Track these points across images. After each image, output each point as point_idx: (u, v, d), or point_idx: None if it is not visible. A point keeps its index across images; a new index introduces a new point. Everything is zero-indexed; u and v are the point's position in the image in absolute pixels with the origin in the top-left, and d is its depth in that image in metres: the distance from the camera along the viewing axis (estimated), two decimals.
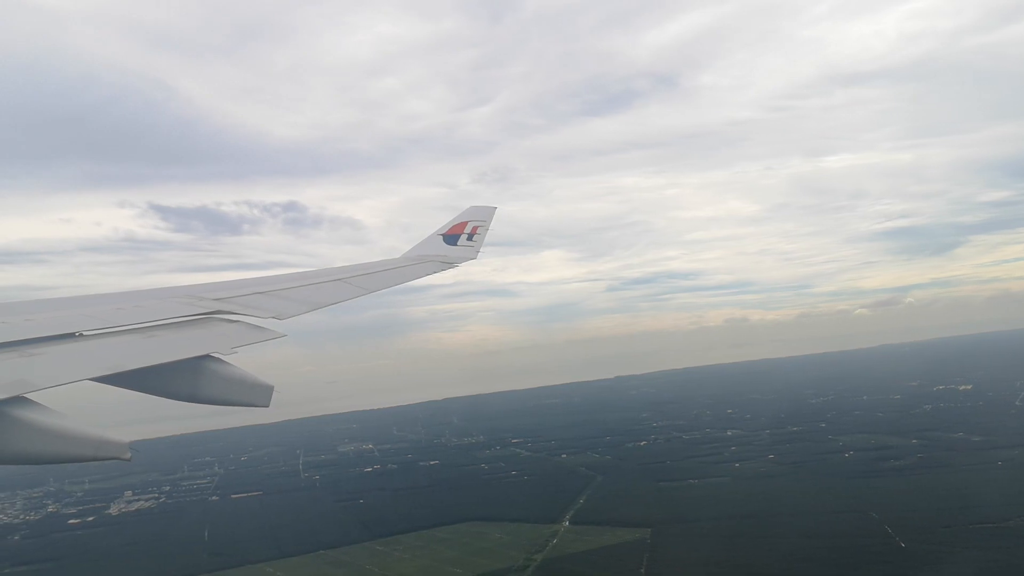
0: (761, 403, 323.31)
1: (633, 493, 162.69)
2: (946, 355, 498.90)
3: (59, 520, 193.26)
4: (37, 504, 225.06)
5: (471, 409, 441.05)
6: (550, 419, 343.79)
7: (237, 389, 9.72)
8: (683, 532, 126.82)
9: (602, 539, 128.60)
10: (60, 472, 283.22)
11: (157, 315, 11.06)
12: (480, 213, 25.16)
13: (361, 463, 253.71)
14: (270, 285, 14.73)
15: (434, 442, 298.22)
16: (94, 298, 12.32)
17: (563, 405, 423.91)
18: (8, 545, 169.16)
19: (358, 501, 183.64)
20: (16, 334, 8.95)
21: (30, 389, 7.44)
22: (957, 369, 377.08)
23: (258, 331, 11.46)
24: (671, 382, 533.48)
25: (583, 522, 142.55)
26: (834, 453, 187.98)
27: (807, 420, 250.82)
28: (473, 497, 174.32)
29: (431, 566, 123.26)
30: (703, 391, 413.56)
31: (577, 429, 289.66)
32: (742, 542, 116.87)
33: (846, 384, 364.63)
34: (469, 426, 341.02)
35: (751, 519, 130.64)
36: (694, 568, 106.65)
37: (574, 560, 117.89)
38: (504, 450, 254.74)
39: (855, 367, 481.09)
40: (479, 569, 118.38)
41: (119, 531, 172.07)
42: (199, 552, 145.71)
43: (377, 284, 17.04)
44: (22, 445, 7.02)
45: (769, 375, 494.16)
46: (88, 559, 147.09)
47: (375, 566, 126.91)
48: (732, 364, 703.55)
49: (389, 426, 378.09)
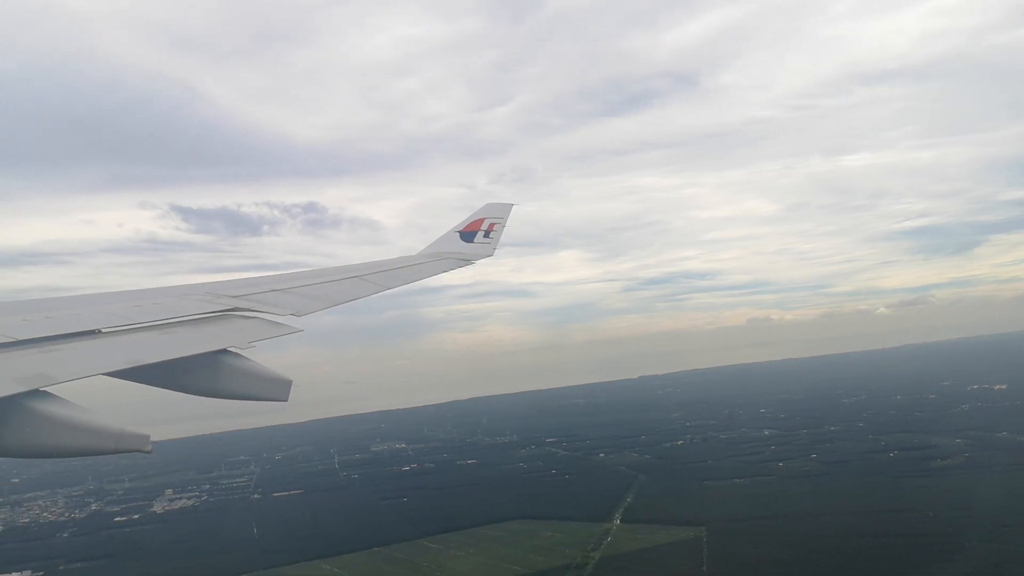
0: (792, 403, 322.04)
1: (680, 492, 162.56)
2: (972, 355, 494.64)
3: (105, 518, 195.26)
4: (79, 502, 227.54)
5: (498, 409, 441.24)
6: (580, 419, 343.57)
7: (256, 383, 9.87)
8: (739, 530, 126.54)
9: (657, 537, 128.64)
10: (99, 471, 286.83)
11: (176, 312, 11.20)
12: (497, 210, 25.06)
13: (397, 462, 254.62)
14: (288, 282, 14.86)
15: (467, 441, 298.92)
16: (114, 296, 12.50)
17: (590, 405, 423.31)
18: (58, 543, 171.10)
19: (401, 499, 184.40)
20: (37, 331, 9.09)
21: (49, 383, 7.54)
22: (987, 369, 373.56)
23: (275, 326, 11.57)
24: (696, 382, 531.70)
25: (634, 520, 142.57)
26: (878, 453, 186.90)
27: (844, 420, 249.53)
28: (517, 495, 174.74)
29: (488, 564, 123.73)
30: (730, 391, 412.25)
31: (610, 428, 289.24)
32: (802, 541, 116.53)
33: (876, 384, 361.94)
34: (499, 425, 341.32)
35: (807, 518, 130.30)
36: (757, 566, 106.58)
37: (633, 558, 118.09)
38: (539, 449, 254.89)
39: (881, 367, 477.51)
40: (537, 567, 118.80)
41: (167, 528, 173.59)
42: (251, 549, 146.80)
43: (395, 281, 17.11)
44: (43, 438, 7.11)
45: (794, 375, 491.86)
46: (141, 556, 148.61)
47: (430, 563, 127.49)
48: (754, 364, 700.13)
49: (418, 426, 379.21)
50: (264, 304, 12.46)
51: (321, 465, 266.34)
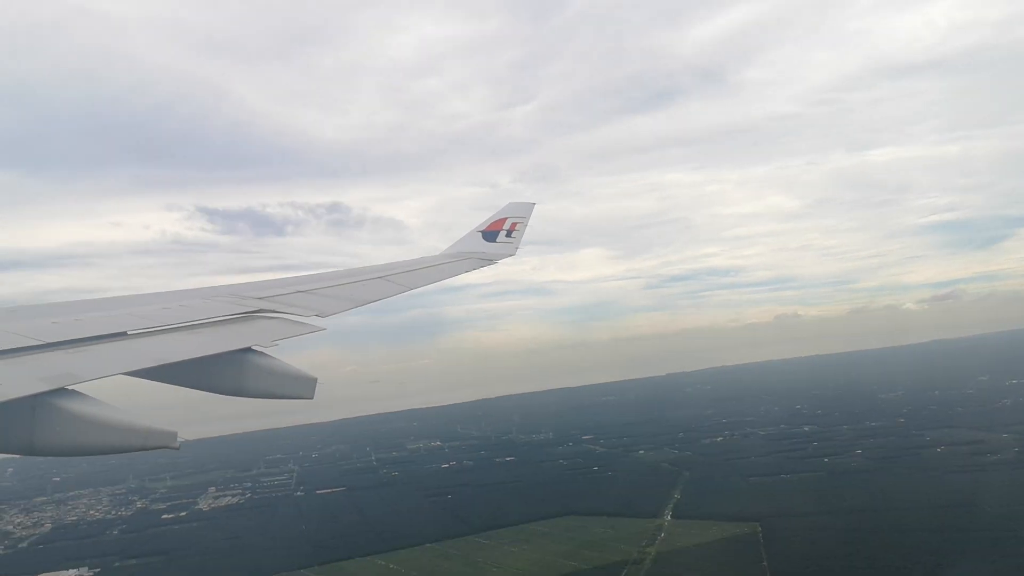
0: (827, 399, 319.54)
1: (728, 488, 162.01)
2: (1005, 349, 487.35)
3: (152, 515, 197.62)
4: (124, 500, 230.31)
5: (528, 407, 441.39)
6: (613, 416, 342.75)
7: (281, 381, 10.01)
8: (794, 527, 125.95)
9: (711, 533, 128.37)
10: (138, 470, 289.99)
11: (201, 314, 11.32)
12: (519, 209, 24.91)
13: (435, 460, 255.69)
14: (312, 284, 14.95)
15: (502, 439, 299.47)
16: (140, 298, 12.62)
17: (621, 402, 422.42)
18: (109, 540, 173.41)
19: (446, 496, 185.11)
20: (65, 334, 9.16)
21: (74, 382, 7.60)
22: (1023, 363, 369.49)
23: (298, 325, 11.71)
24: (725, 379, 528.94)
25: (685, 516, 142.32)
26: (925, 448, 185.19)
27: (883, 416, 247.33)
28: (562, 492, 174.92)
29: (543, 559, 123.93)
30: (762, 387, 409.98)
31: (645, 426, 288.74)
32: (861, 536, 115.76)
33: (911, 380, 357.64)
34: (532, 423, 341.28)
35: (862, 514, 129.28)
36: (819, 561, 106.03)
37: (690, 554, 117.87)
38: (577, 446, 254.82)
39: (913, 363, 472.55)
40: (592, 562, 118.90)
41: (216, 525, 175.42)
42: (303, 545, 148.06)
43: (418, 281, 17.15)
44: (71, 436, 7.17)
45: (824, 371, 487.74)
46: (195, 552, 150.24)
47: (485, 559, 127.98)
48: (782, 361, 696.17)
49: (450, 424, 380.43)
50: (289, 305, 12.65)
51: (359, 463, 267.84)
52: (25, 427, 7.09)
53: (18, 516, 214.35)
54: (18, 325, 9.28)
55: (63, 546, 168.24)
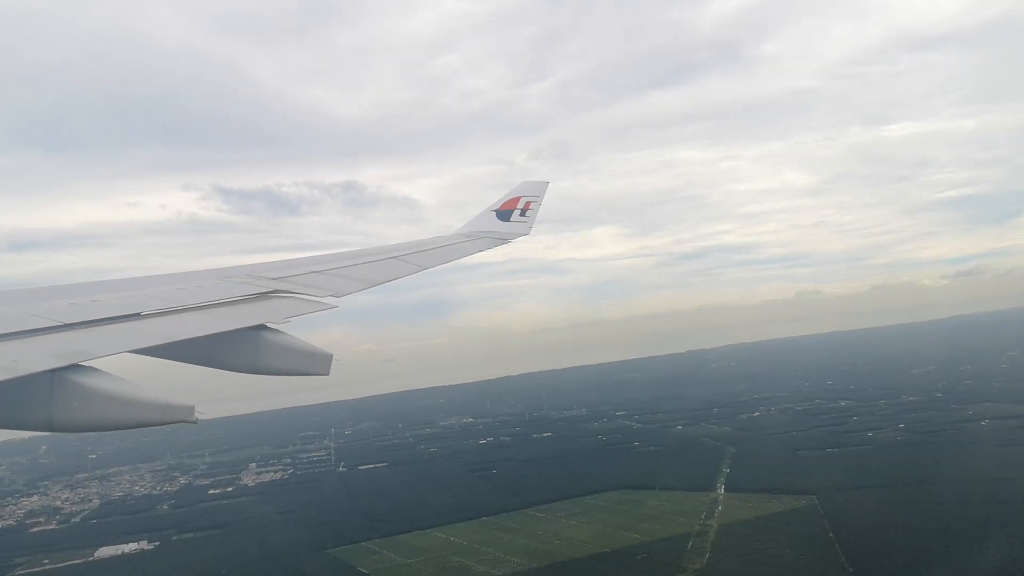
0: (858, 375, 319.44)
1: (776, 462, 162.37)
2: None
3: (198, 491, 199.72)
4: (166, 476, 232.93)
5: (553, 384, 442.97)
6: (642, 393, 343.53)
7: (296, 358, 10.09)
8: (853, 499, 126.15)
9: (769, 506, 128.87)
10: (175, 446, 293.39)
11: (216, 295, 11.35)
12: (533, 188, 24.77)
13: (470, 436, 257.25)
14: (327, 264, 15.01)
15: (534, 415, 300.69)
16: (155, 279, 12.63)
17: (647, 379, 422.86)
18: (161, 514, 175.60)
19: (491, 471, 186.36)
20: (82, 315, 9.18)
21: (87, 358, 7.63)
22: None
23: (311, 303, 11.80)
24: (748, 355, 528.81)
25: (738, 490, 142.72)
26: (969, 422, 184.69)
27: (919, 391, 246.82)
28: (608, 467, 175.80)
29: (603, 532, 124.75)
30: (788, 364, 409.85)
31: (677, 402, 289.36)
32: (925, 508, 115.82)
33: (940, 355, 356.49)
34: (561, 400, 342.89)
35: (920, 486, 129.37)
36: (886, 532, 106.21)
37: (752, 525, 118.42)
38: (612, 422, 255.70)
39: (938, 338, 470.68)
40: (655, 535, 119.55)
41: (266, 500, 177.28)
42: (357, 519, 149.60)
43: (432, 261, 17.17)
44: (89, 412, 7.20)
45: (848, 347, 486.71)
46: (251, 526, 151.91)
47: (544, 531, 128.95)
48: (802, 337, 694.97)
49: (477, 401, 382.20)
50: (304, 286, 12.70)
51: (395, 439, 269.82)
52: (44, 404, 7.19)
53: (63, 492, 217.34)
54: (37, 307, 9.43)
55: (116, 521, 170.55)
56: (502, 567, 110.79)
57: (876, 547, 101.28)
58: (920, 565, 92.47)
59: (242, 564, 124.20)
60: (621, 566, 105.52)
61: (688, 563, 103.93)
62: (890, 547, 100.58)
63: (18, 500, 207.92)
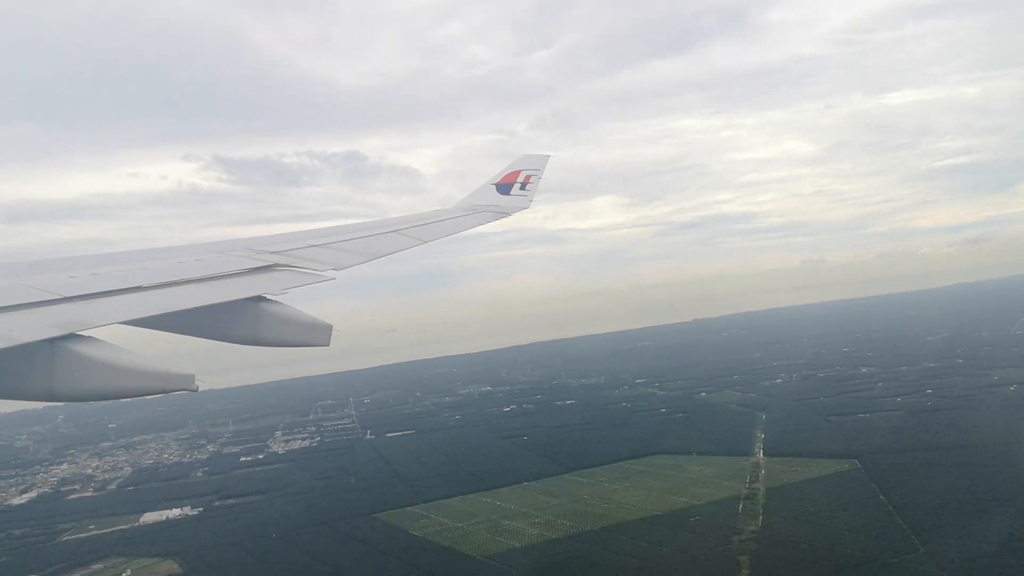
0: (873, 342, 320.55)
1: (810, 427, 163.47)
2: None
3: (230, 458, 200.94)
4: (192, 444, 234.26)
5: (565, 353, 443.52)
6: (657, 361, 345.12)
7: (296, 330, 10.28)
8: (897, 462, 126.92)
9: (812, 470, 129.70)
10: (196, 415, 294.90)
11: (216, 269, 11.53)
12: (533, 161, 24.74)
13: (492, 404, 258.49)
14: (326, 237, 15.21)
15: (552, 383, 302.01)
16: (155, 252, 12.84)
17: (659, 348, 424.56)
18: (197, 481, 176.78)
19: (522, 438, 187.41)
20: (81, 288, 9.33)
21: (85, 328, 7.77)
22: None
23: (311, 276, 12.00)
24: (757, 324, 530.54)
25: (778, 454, 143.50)
26: (997, 387, 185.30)
27: (939, 357, 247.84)
28: (641, 433, 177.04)
29: (650, 496, 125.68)
30: (799, 332, 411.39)
31: (694, 369, 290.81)
32: (973, 470, 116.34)
33: (953, 322, 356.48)
34: (577, 368, 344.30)
35: (961, 449, 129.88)
36: (940, 495, 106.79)
37: (800, 488, 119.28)
38: (633, 390, 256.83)
39: (946, 306, 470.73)
40: (702, 499, 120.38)
41: (301, 467, 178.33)
42: (397, 484, 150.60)
43: (431, 234, 17.38)
44: (90, 381, 7.35)
45: (857, 315, 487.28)
46: (292, 492, 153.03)
47: (590, 496, 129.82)
48: (810, 306, 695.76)
49: (491, 370, 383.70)
50: (303, 259, 12.88)
51: (416, 408, 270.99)
52: (45, 374, 7.32)
53: (92, 460, 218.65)
54: (36, 279, 9.59)
55: (153, 488, 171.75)
56: (555, 530, 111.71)
57: (931, 508, 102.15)
58: (981, 526, 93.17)
59: (292, 528, 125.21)
60: (676, 529, 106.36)
61: (743, 525, 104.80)
62: (945, 508, 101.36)
63: (48, 468, 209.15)
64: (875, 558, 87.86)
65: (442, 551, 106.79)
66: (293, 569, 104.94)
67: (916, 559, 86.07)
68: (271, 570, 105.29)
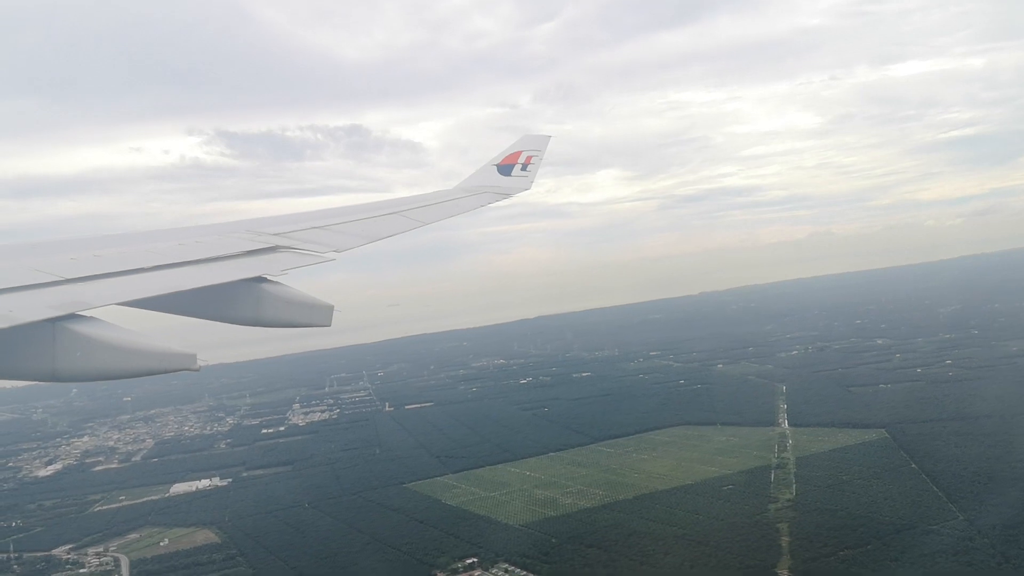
0: (885, 314, 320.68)
1: (833, 398, 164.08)
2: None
3: (250, 430, 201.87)
4: (211, 417, 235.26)
5: (574, 326, 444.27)
6: (668, 333, 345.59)
7: (297, 310, 10.42)
8: (925, 432, 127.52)
9: (840, 439, 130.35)
10: (211, 389, 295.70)
11: (217, 251, 11.62)
12: (534, 142, 24.74)
13: (508, 376, 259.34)
14: (328, 219, 15.32)
15: (565, 356, 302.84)
16: (156, 234, 12.97)
17: (668, 320, 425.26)
18: (221, 453, 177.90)
19: (542, 409, 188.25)
20: (82, 270, 9.44)
21: (86, 308, 7.85)
22: None
23: (311, 257, 12.12)
24: (765, 296, 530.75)
25: (803, 425, 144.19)
26: (1016, 358, 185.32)
27: (954, 328, 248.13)
28: (662, 404, 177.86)
29: (679, 465, 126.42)
30: (810, 304, 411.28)
31: (708, 342, 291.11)
32: (1005, 439, 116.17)
33: (962, 294, 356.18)
34: (588, 341, 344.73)
35: (989, 419, 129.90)
36: (974, 464, 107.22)
37: (830, 457, 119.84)
38: (648, 362, 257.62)
39: (954, 278, 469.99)
40: (732, 468, 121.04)
41: (323, 438, 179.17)
42: (423, 455, 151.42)
43: (432, 216, 17.60)
44: (92, 361, 7.44)
45: (864, 288, 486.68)
46: (318, 463, 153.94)
47: (619, 465, 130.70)
48: (816, 278, 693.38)
49: (502, 343, 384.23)
50: (305, 241, 13.00)
51: (431, 380, 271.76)
52: (47, 354, 7.40)
53: (112, 433, 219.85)
54: (36, 261, 9.64)
55: (178, 459, 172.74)
56: (588, 499, 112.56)
57: (965, 477, 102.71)
58: (1018, 494, 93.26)
59: (324, 498, 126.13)
60: (711, 498, 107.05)
61: (777, 494, 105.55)
62: (980, 477, 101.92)
63: (69, 441, 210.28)
64: (914, 525, 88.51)
65: (479, 520, 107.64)
66: (331, 537, 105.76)
67: (957, 526, 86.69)
68: (309, 538, 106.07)
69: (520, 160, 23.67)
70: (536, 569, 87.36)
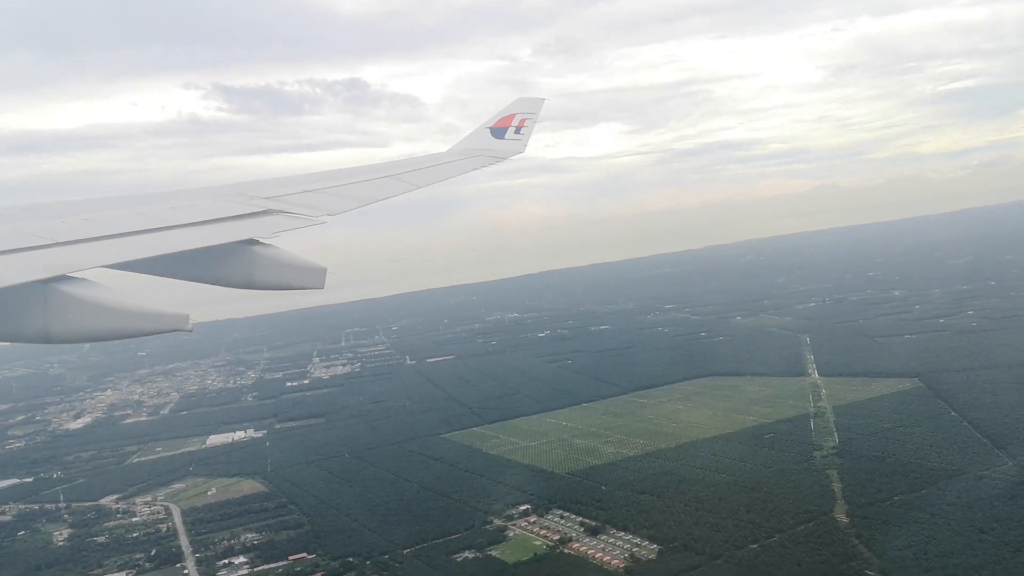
0: (896, 266, 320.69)
1: (859, 348, 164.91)
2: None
3: (275, 384, 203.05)
4: (232, 371, 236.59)
5: (583, 280, 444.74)
6: (681, 287, 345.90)
7: (289, 273, 10.41)
8: (960, 380, 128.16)
9: (873, 389, 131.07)
10: (227, 343, 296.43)
11: (209, 214, 11.64)
12: (528, 105, 24.77)
13: (524, 330, 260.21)
14: (320, 182, 15.34)
15: (579, 310, 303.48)
16: (148, 197, 13.08)
17: (679, 274, 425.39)
18: (249, 406, 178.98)
19: (566, 361, 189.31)
20: (73, 233, 9.49)
21: (76, 270, 7.92)
22: None
23: (303, 219, 12.14)
24: (772, 249, 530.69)
25: (833, 374, 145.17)
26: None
27: (969, 280, 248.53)
28: (687, 355, 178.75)
29: (715, 415, 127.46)
30: (819, 256, 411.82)
31: (722, 295, 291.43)
32: None
33: (972, 245, 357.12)
34: (600, 295, 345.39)
35: (1022, 368, 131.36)
36: (1014, 410, 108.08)
37: (866, 407, 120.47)
38: (665, 315, 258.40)
39: (961, 230, 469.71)
40: (769, 417, 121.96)
41: (349, 391, 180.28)
42: (455, 407, 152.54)
43: (426, 180, 17.72)
44: (84, 323, 7.49)
45: (871, 240, 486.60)
46: (350, 415, 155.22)
47: (654, 415, 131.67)
48: (820, 232, 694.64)
49: (512, 298, 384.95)
50: (298, 205, 12.99)
51: (448, 334, 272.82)
52: (39, 316, 7.47)
53: (136, 387, 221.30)
54: (29, 225, 9.75)
55: (207, 412, 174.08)
56: (630, 448, 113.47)
57: (1008, 424, 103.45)
58: None
59: (363, 448, 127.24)
60: (754, 446, 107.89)
61: (821, 441, 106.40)
62: (1023, 423, 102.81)
63: (92, 395, 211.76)
64: (965, 471, 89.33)
65: (525, 468, 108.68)
66: (379, 485, 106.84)
67: (1008, 471, 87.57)
68: (356, 487, 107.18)
69: (514, 123, 23.78)
70: (592, 515, 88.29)
